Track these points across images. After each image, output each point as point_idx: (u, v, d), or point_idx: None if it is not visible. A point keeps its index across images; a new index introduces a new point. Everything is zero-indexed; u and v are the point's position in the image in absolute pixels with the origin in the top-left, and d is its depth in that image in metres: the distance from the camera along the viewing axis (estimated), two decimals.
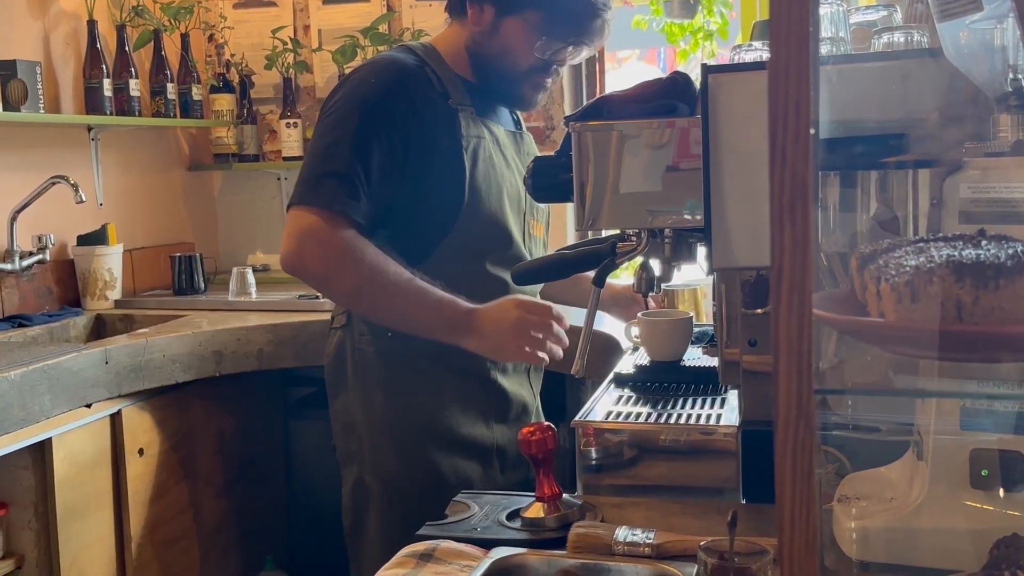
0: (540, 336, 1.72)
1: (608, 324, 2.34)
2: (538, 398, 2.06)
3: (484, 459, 1.92)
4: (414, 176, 1.80)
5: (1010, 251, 0.75)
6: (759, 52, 1.40)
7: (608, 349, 2.20)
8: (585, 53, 1.88)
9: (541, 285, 2.04)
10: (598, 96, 1.44)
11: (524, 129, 2.06)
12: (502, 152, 1.89)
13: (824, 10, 1.26)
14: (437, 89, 1.81)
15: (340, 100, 1.81)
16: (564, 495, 1.36)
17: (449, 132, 1.80)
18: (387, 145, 1.76)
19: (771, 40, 0.70)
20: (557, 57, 1.84)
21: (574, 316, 1.92)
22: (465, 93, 1.85)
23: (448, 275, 1.80)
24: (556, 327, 1.73)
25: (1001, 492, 1.03)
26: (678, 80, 1.38)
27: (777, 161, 0.71)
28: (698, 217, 1.33)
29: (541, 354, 1.73)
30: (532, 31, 1.80)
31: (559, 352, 1.76)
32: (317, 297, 2.83)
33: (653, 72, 5.84)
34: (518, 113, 2.07)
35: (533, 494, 1.37)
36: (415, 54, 1.88)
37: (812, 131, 0.70)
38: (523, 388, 1.99)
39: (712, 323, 1.83)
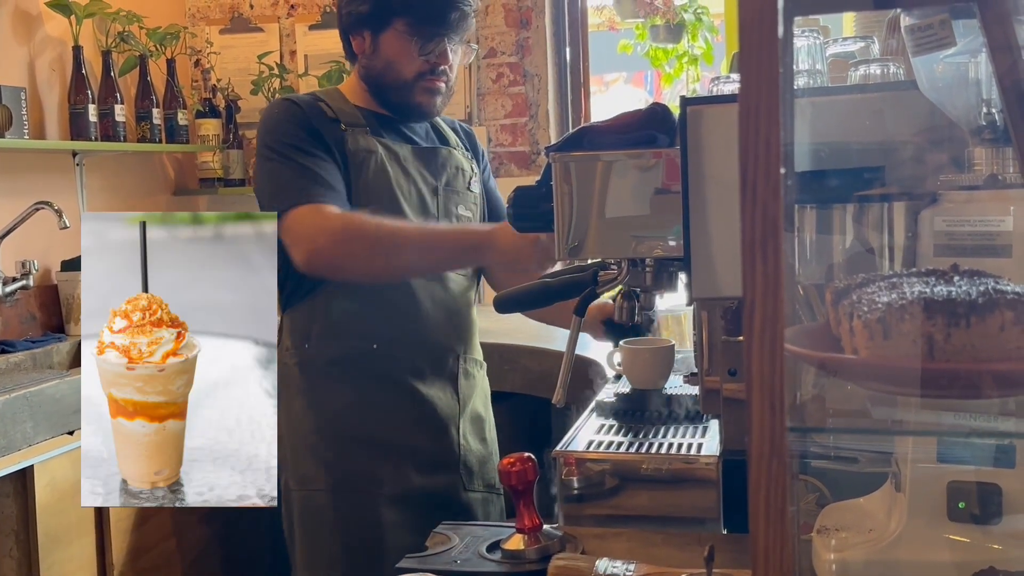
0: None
1: (592, 350, 2.34)
2: (468, 405, 2.05)
3: (400, 463, 1.95)
4: None
5: (981, 287, 0.76)
6: (737, 84, 1.40)
7: (592, 375, 2.20)
8: (461, 50, 2.01)
9: None
10: (580, 126, 1.45)
11: (452, 144, 2.12)
12: (401, 165, 1.98)
13: (801, 42, 1.27)
14: (328, 115, 1.95)
15: (262, 143, 1.94)
16: (545, 526, 1.36)
17: (338, 149, 1.92)
18: (320, 154, 1.90)
19: (741, 79, 0.70)
20: (434, 55, 1.96)
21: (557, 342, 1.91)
22: (360, 118, 1.98)
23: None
24: None
25: (978, 524, 1.03)
26: (658, 111, 1.39)
27: (748, 198, 0.71)
28: (680, 245, 1.33)
29: None
30: (405, 38, 1.93)
31: None
32: None
33: (639, 95, 5.86)
34: (447, 129, 2.13)
35: (513, 525, 1.36)
36: (313, 94, 2.04)
37: (783, 170, 0.70)
38: (444, 393, 2.00)
39: (694, 350, 1.83)
